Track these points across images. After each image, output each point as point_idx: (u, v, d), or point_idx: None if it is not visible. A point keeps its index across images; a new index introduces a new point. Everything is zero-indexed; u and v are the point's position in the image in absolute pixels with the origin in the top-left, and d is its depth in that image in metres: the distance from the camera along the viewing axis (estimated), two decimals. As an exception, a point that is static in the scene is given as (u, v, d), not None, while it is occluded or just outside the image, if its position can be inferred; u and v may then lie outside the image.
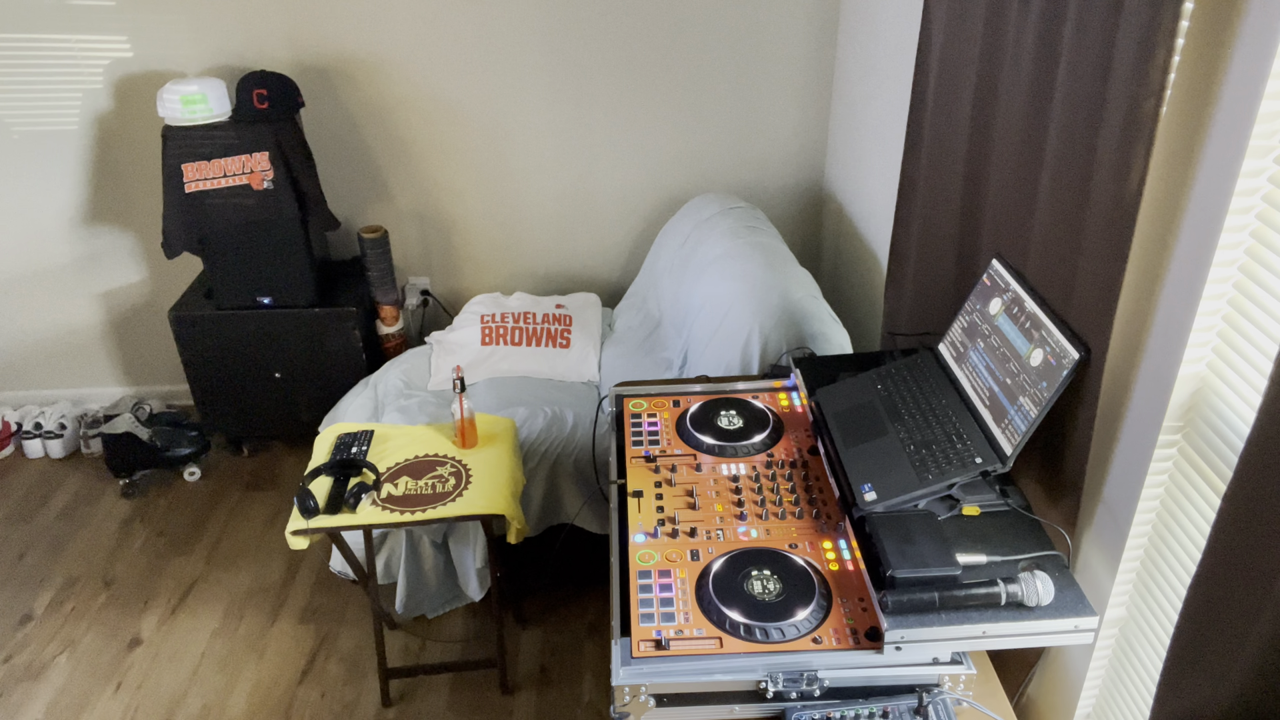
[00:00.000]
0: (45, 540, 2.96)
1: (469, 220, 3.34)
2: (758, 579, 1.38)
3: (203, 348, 3.04)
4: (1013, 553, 1.36)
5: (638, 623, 1.32)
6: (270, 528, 2.95)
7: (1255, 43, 1.06)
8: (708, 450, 1.69)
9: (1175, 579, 1.32)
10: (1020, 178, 1.52)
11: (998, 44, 1.59)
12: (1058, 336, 1.39)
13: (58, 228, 3.23)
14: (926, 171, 1.90)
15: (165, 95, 2.75)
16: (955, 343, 1.68)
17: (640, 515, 1.53)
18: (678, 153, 3.26)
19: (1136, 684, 1.43)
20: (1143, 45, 1.14)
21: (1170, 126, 1.21)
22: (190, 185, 2.79)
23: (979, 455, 1.45)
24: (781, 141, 3.26)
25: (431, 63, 3.05)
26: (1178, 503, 1.31)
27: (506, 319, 2.98)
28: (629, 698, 1.27)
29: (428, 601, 2.51)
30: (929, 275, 1.93)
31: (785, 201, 3.37)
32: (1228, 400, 1.19)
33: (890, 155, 2.57)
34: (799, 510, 1.54)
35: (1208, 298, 1.18)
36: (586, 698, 2.40)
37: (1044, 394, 1.38)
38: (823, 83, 3.16)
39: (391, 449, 2.27)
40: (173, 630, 2.61)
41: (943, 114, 1.82)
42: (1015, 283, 1.54)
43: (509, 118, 3.16)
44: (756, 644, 1.29)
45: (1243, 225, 1.13)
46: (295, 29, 2.97)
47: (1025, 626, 1.26)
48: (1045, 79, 1.41)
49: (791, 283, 2.41)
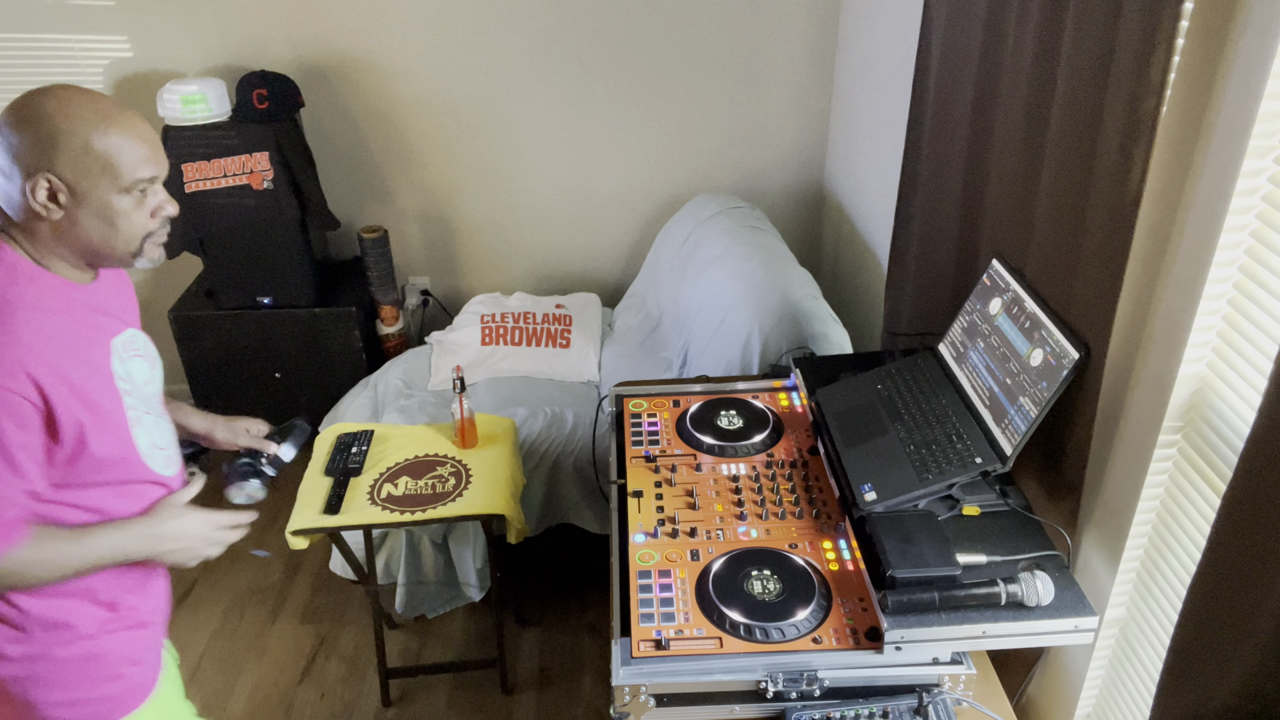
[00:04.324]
0: (45, 540, 2.95)
1: (469, 220, 3.34)
2: (758, 579, 1.38)
3: (203, 348, 3.04)
4: (1013, 553, 1.36)
5: (638, 623, 1.32)
6: (270, 528, 2.95)
7: (1255, 43, 1.06)
8: (708, 450, 1.69)
9: (1175, 579, 1.32)
10: (1020, 178, 1.52)
11: (998, 44, 1.58)
12: (1058, 336, 1.39)
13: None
14: (926, 171, 1.90)
15: (165, 95, 2.75)
16: (955, 343, 1.68)
17: (640, 515, 1.53)
18: (678, 153, 3.26)
19: (1136, 684, 1.43)
20: (1143, 45, 1.14)
21: (1170, 126, 1.21)
22: (190, 185, 2.79)
23: (979, 455, 1.45)
24: (781, 141, 3.26)
25: (432, 63, 3.05)
26: (1178, 503, 1.31)
27: (506, 319, 2.98)
28: (629, 698, 1.27)
29: (428, 601, 2.51)
30: (929, 275, 1.93)
31: (785, 201, 3.37)
32: (1228, 400, 1.19)
33: (890, 155, 2.57)
34: (799, 510, 1.54)
35: (1208, 298, 1.18)
36: (586, 698, 2.40)
37: (1044, 394, 1.38)
38: (823, 83, 3.16)
39: (391, 449, 2.27)
40: (172, 630, 2.60)
41: (943, 114, 1.82)
42: (1015, 283, 1.54)
43: (509, 118, 3.16)
44: (756, 644, 1.29)
45: (1243, 225, 1.13)
46: (295, 29, 2.97)
47: (1025, 626, 1.26)
48: (1045, 79, 1.41)
49: (791, 283, 2.41)
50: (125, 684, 1.35)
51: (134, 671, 1.36)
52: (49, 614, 1.25)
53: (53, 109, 1.12)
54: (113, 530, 1.25)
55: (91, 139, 1.14)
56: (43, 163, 1.12)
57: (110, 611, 1.31)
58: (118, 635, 1.33)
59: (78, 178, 1.14)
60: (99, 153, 1.14)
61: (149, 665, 1.40)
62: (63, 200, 1.15)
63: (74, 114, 1.13)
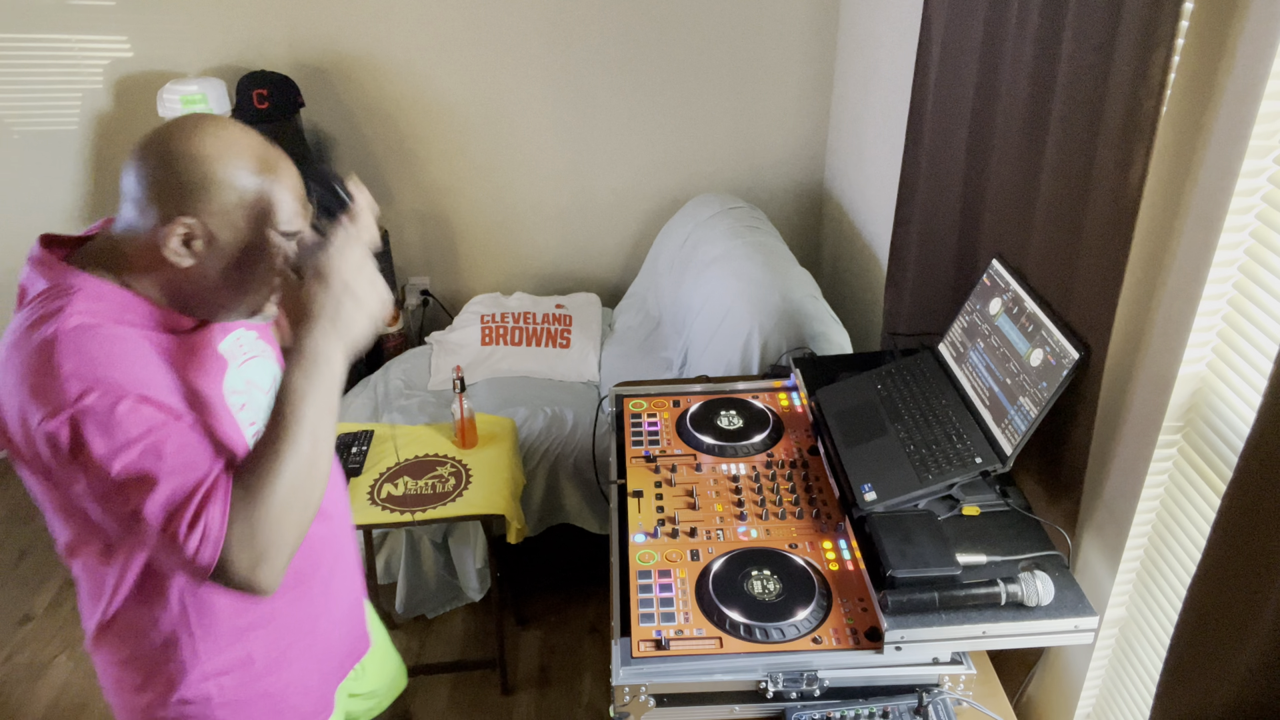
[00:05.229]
0: (45, 540, 2.95)
1: (469, 220, 3.34)
2: (758, 579, 1.38)
3: (203, 348, 3.03)
4: (1013, 553, 1.36)
5: (638, 623, 1.32)
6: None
7: (1255, 43, 1.06)
8: (708, 450, 1.69)
9: (1175, 579, 1.32)
10: (1020, 178, 1.52)
11: (998, 44, 1.58)
12: (1058, 336, 1.39)
13: (58, 228, 3.21)
14: (926, 171, 1.90)
15: (165, 95, 2.75)
16: (955, 343, 1.68)
17: (640, 515, 1.53)
18: (678, 153, 3.26)
19: (1136, 684, 1.43)
20: (1143, 45, 1.14)
21: (1170, 126, 1.21)
22: (190, 185, 2.78)
23: (979, 455, 1.45)
24: (781, 141, 3.26)
25: (432, 63, 3.05)
26: (1178, 503, 1.31)
27: (506, 319, 2.98)
28: (629, 698, 1.27)
29: (428, 601, 2.51)
30: (929, 275, 1.93)
31: (785, 201, 3.37)
32: (1228, 400, 1.19)
33: (890, 155, 2.57)
34: (799, 510, 1.54)
35: (1208, 298, 1.18)
36: (586, 698, 2.40)
37: (1044, 394, 1.38)
38: (823, 83, 3.16)
39: (391, 449, 2.27)
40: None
41: (943, 114, 1.82)
42: (1015, 283, 1.54)
43: (509, 117, 3.16)
44: (756, 644, 1.29)
45: (1243, 225, 1.13)
46: (295, 29, 2.97)
47: (1025, 626, 1.26)
48: (1045, 79, 1.41)
49: (791, 283, 2.41)
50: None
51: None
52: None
53: (211, 151, 1.00)
54: (292, 375, 1.02)
55: (247, 192, 1.02)
56: (186, 207, 1.00)
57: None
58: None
59: (221, 229, 1.02)
60: (251, 206, 1.03)
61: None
62: (196, 248, 1.02)
63: (233, 163, 1.01)
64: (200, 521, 0.93)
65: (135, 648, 1.14)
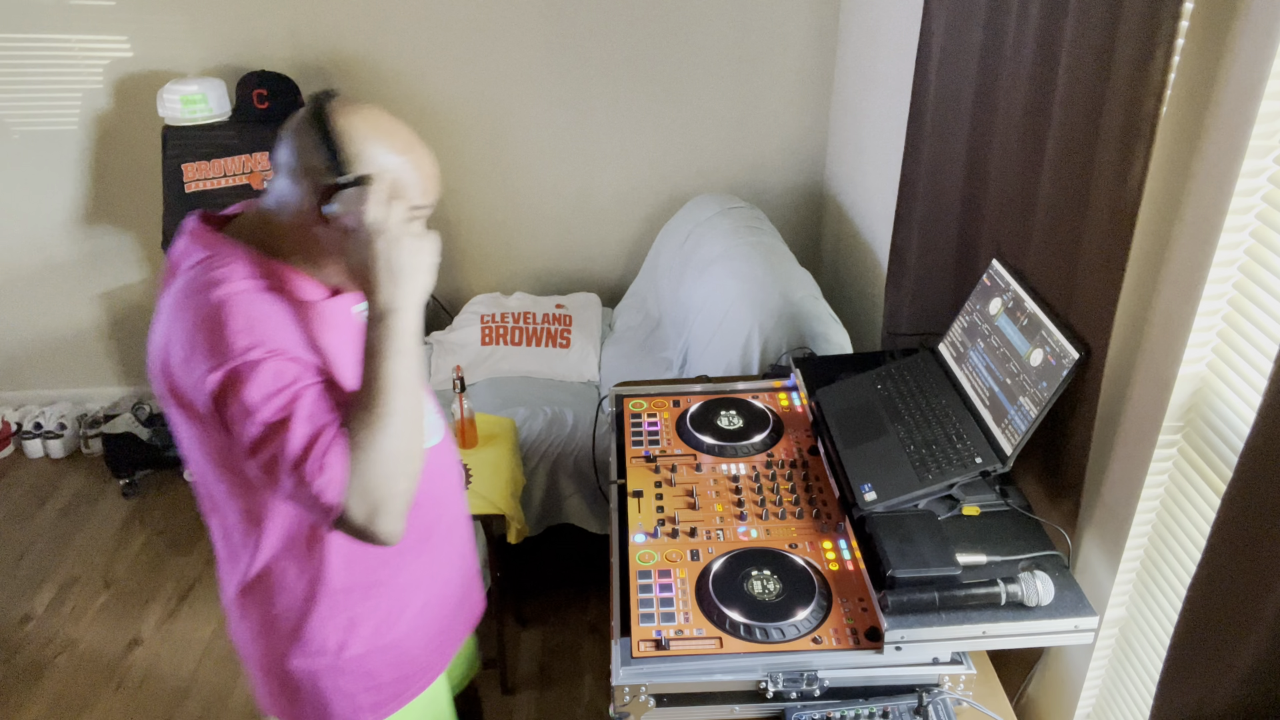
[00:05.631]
0: (45, 540, 2.96)
1: (469, 220, 3.34)
2: (758, 579, 1.38)
3: (203, 348, 3.04)
4: (1013, 553, 1.36)
5: (638, 623, 1.32)
6: (270, 528, 2.96)
7: (1255, 43, 1.06)
8: (708, 450, 1.69)
9: (1175, 579, 1.32)
10: (1020, 178, 1.52)
11: (998, 44, 1.58)
12: (1058, 336, 1.39)
13: (58, 228, 3.23)
14: (926, 171, 1.90)
15: (165, 95, 2.75)
16: (955, 343, 1.68)
17: (640, 515, 1.53)
18: (678, 153, 3.26)
19: (1136, 684, 1.43)
20: (1143, 45, 1.14)
21: (1170, 126, 1.21)
22: (191, 185, 2.79)
23: (979, 455, 1.45)
24: (781, 141, 3.26)
25: (432, 62, 3.05)
26: (1178, 503, 1.31)
27: (506, 319, 2.98)
28: (629, 698, 1.27)
29: (428, 601, 2.51)
30: (929, 275, 1.93)
31: (785, 201, 3.37)
32: (1228, 400, 1.19)
33: (890, 155, 2.57)
34: (799, 510, 1.54)
35: (1208, 298, 1.18)
36: (586, 698, 2.40)
37: (1044, 394, 1.38)
38: (823, 83, 3.16)
39: (391, 449, 2.27)
40: (173, 630, 2.61)
41: (943, 114, 1.82)
42: (1015, 283, 1.54)
43: (509, 117, 3.16)
44: (756, 644, 1.29)
45: (1243, 225, 1.13)
46: (295, 29, 2.97)
47: (1025, 626, 1.26)
48: (1045, 79, 1.41)
49: (791, 283, 2.41)
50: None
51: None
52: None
53: (362, 129, 1.11)
54: (370, 336, 1.10)
55: (388, 170, 1.11)
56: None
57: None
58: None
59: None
60: (392, 177, 1.12)
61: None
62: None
63: (381, 141, 1.12)
64: (326, 464, 1.03)
65: (275, 605, 1.24)
